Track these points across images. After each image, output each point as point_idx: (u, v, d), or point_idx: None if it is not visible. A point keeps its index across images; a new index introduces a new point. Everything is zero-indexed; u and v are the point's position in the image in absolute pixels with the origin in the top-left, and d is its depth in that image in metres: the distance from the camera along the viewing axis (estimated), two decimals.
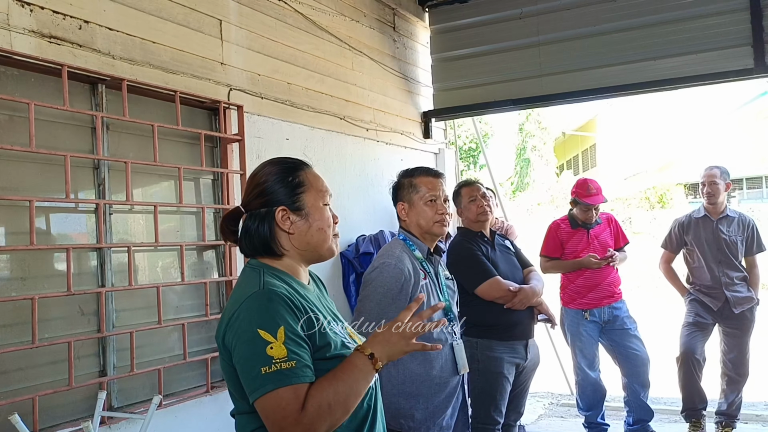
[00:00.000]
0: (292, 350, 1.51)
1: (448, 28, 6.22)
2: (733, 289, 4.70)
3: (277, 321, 1.53)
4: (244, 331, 1.54)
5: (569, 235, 4.80)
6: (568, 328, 4.81)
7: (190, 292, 3.62)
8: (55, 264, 2.98)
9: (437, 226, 2.83)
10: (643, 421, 4.68)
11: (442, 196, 2.86)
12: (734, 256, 4.74)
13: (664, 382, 5.26)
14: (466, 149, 21.04)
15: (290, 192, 1.74)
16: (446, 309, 2.83)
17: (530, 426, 5.47)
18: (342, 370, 1.57)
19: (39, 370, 2.85)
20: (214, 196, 3.81)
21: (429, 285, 2.78)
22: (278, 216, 1.72)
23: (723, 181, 4.81)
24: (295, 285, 1.70)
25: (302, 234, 1.73)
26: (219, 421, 3.44)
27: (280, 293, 1.59)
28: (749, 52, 5.04)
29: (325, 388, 1.52)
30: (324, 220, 1.76)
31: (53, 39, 2.91)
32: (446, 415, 2.76)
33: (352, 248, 4.73)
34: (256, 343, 1.51)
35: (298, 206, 1.73)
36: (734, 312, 4.68)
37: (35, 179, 2.91)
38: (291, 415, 1.47)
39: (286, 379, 1.49)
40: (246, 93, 3.96)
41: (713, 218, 4.81)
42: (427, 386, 2.70)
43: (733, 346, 4.76)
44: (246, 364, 1.53)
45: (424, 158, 6.05)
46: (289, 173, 1.76)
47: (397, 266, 2.69)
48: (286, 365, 1.49)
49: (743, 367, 4.77)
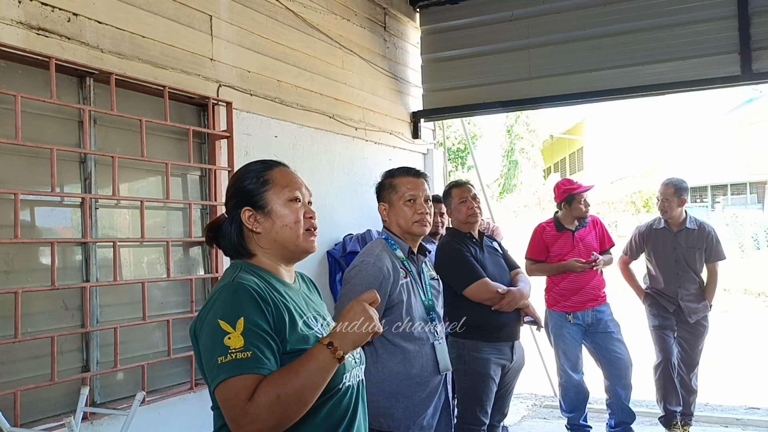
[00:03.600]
0: (249, 341, 1.51)
1: (438, 29, 6.23)
2: (687, 300, 4.86)
3: (238, 312, 1.53)
4: (208, 323, 1.55)
5: (554, 238, 4.83)
6: (552, 331, 4.84)
7: (175, 288, 3.60)
8: (40, 258, 2.96)
9: (416, 226, 2.81)
10: (624, 424, 4.72)
11: (422, 195, 2.83)
12: (692, 269, 4.88)
13: (646, 385, 5.31)
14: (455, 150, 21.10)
15: (255, 192, 1.74)
16: (429, 308, 2.83)
17: (513, 427, 5.49)
18: (299, 362, 1.54)
19: (21, 365, 2.82)
20: (201, 192, 3.79)
21: (410, 284, 2.78)
22: (244, 216, 1.73)
23: (677, 198, 4.88)
24: (274, 282, 1.70)
25: (267, 232, 1.73)
26: (203, 418, 3.42)
27: (248, 286, 1.58)
28: (736, 60, 5.10)
29: (276, 379, 1.49)
30: (288, 216, 1.74)
31: (41, 31, 2.88)
32: (427, 414, 2.75)
33: (339, 247, 4.73)
34: (216, 333, 1.52)
35: (261, 205, 1.73)
36: (689, 321, 4.86)
37: (21, 172, 2.88)
38: (239, 405, 1.45)
39: (239, 369, 1.47)
40: (235, 89, 3.95)
41: (673, 230, 4.93)
42: (406, 385, 2.69)
43: (686, 350, 4.94)
44: (206, 354, 1.54)
45: (412, 158, 6.06)
46: (257, 174, 1.77)
47: (376, 264, 2.69)
48: (242, 355, 1.49)
49: (695, 369, 4.97)
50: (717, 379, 6.77)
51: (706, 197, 22.82)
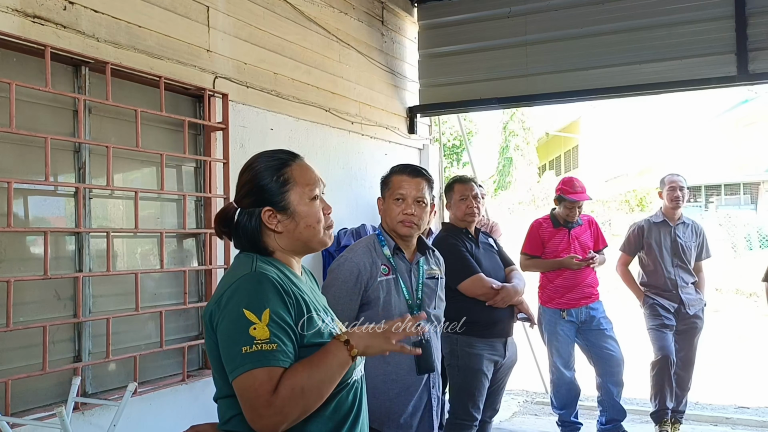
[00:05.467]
0: (274, 333, 1.52)
1: (436, 24, 6.22)
2: (687, 291, 4.93)
3: (264, 303, 1.54)
4: (231, 311, 1.54)
5: (551, 234, 4.83)
6: (546, 328, 4.84)
7: (168, 279, 3.59)
8: (33, 247, 2.94)
9: (399, 225, 2.75)
10: (615, 421, 4.74)
11: (414, 195, 2.76)
12: (688, 261, 4.98)
13: (637, 382, 5.33)
14: (450, 146, 21.09)
15: (275, 191, 1.71)
16: (412, 308, 2.76)
17: (504, 423, 5.51)
18: (317, 356, 1.57)
19: (13, 354, 2.81)
20: (196, 184, 3.78)
21: (390, 282, 2.72)
22: (264, 216, 1.70)
23: (686, 188, 5.01)
24: (288, 273, 1.70)
25: (290, 232, 1.72)
26: (194, 410, 3.43)
27: (271, 277, 1.59)
28: (733, 60, 5.11)
29: (299, 372, 1.52)
30: (312, 215, 1.74)
31: (37, 19, 2.86)
32: (405, 412, 2.70)
33: (334, 241, 4.72)
34: (241, 323, 1.51)
35: (284, 206, 1.71)
36: (689, 313, 4.89)
37: (14, 161, 2.87)
38: (263, 396, 1.47)
39: (265, 361, 1.49)
40: (231, 81, 3.93)
41: (671, 224, 4.99)
42: (381, 380, 2.64)
43: (683, 345, 4.96)
44: (228, 342, 1.53)
45: (408, 153, 6.06)
46: (275, 171, 1.73)
47: (353, 260, 2.70)
48: (267, 347, 1.50)
49: (691, 366, 5.01)
50: (708, 378, 6.80)
51: (699, 197, 22.88)
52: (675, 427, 4.97)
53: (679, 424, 5.01)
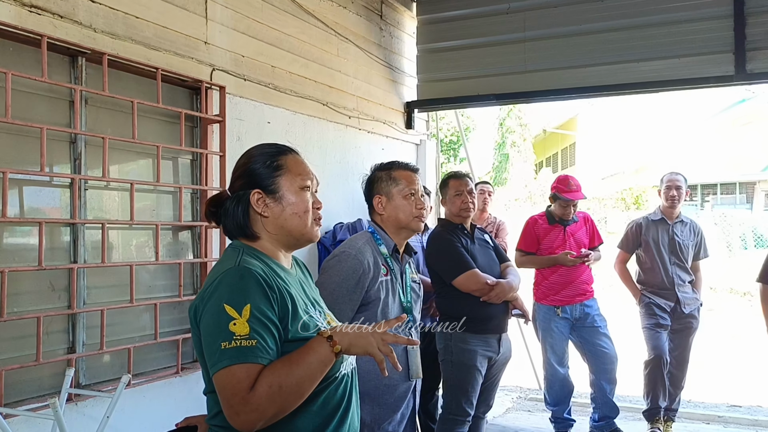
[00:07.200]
0: (254, 329, 1.51)
1: (435, 20, 6.21)
2: (683, 290, 4.93)
3: (245, 298, 1.53)
4: (212, 306, 1.54)
5: (546, 231, 4.84)
6: (540, 324, 4.86)
7: (163, 272, 3.59)
8: (27, 238, 2.93)
9: (416, 221, 2.76)
10: (608, 418, 4.75)
11: (420, 190, 2.81)
12: (685, 260, 4.99)
13: (630, 380, 5.35)
14: (447, 142, 21.09)
15: (267, 175, 1.73)
16: (406, 310, 2.76)
17: (498, 419, 5.53)
18: (298, 353, 1.55)
19: (6, 345, 2.81)
20: (192, 176, 3.77)
21: (389, 282, 2.70)
22: (253, 198, 1.71)
23: (685, 187, 5.01)
24: (275, 267, 1.69)
25: (276, 217, 1.73)
26: (188, 403, 3.42)
27: (254, 272, 1.58)
28: (731, 59, 5.11)
29: (277, 369, 1.50)
30: (300, 204, 1.74)
31: (33, 8, 2.85)
32: (394, 419, 2.69)
33: (329, 235, 4.72)
34: (221, 318, 1.51)
35: (273, 189, 1.72)
36: (684, 312, 4.90)
37: (10, 151, 2.85)
38: (239, 393, 1.46)
39: (243, 357, 1.47)
40: (229, 74, 3.92)
41: (669, 222, 4.99)
42: (374, 386, 2.60)
43: (678, 344, 4.98)
44: (208, 338, 1.53)
45: (405, 149, 6.06)
46: (269, 157, 1.76)
47: (357, 257, 2.61)
48: (246, 343, 1.49)
49: (685, 365, 5.03)
50: (700, 376, 6.83)
51: (695, 196, 22.92)
52: (667, 425, 5.00)
53: (671, 422, 5.03)
